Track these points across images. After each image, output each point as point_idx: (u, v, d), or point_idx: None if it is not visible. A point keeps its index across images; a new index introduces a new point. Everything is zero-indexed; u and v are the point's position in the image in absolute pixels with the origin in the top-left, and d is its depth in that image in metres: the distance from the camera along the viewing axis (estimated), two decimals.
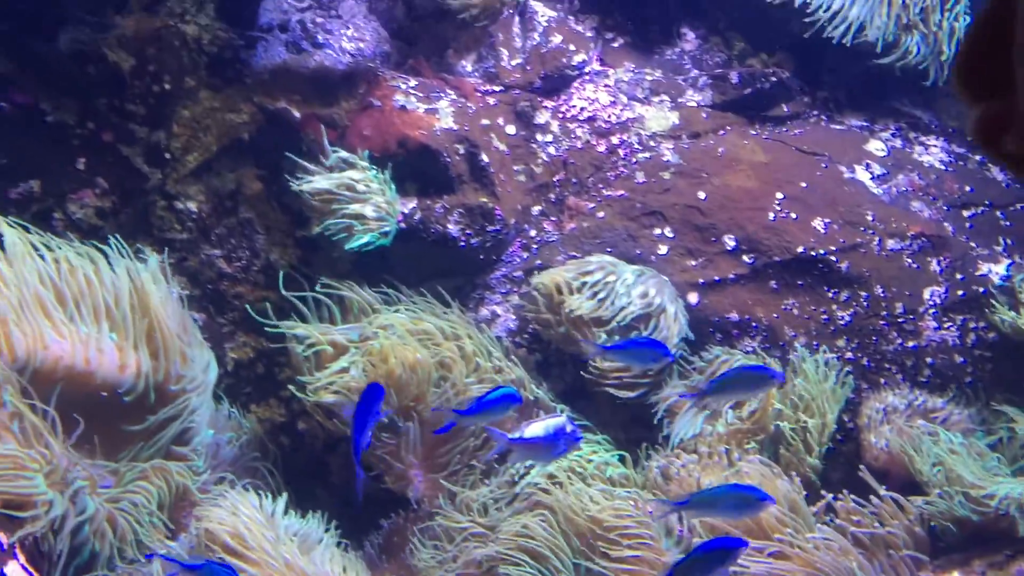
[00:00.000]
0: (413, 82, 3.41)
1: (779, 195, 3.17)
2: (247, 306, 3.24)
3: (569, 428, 2.31)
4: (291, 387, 3.01)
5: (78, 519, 2.30)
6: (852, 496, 2.70)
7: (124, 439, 2.64)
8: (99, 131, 3.23)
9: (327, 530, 2.79)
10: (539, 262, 3.18)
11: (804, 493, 2.74)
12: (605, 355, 2.80)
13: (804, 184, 3.20)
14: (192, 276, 3.32)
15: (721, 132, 3.37)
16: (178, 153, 3.30)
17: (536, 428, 2.30)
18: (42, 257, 2.72)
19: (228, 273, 3.32)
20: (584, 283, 2.92)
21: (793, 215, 3.14)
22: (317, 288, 3.14)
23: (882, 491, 2.69)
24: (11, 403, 2.28)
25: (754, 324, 3.04)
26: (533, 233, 3.29)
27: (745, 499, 2.38)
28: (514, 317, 3.18)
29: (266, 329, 3.11)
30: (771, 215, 3.13)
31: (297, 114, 3.30)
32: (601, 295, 2.90)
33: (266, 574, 2.49)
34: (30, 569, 2.12)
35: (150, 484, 2.54)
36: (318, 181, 3.17)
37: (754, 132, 3.39)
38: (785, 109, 3.48)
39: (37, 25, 3.14)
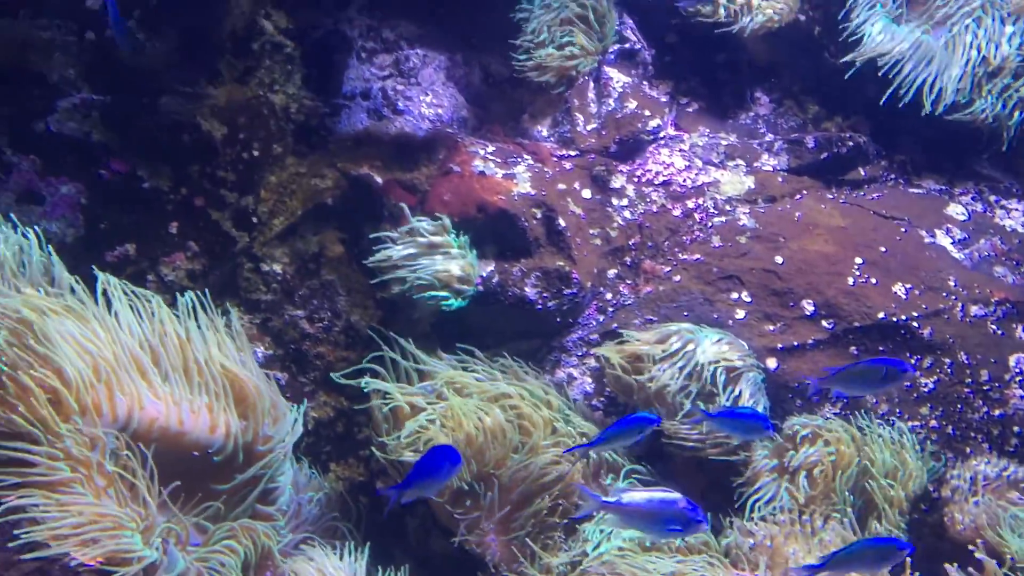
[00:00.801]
0: (491, 147, 3.49)
1: (858, 260, 3.15)
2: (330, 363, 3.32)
3: (682, 504, 2.27)
4: (372, 448, 3.06)
5: (172, 575, 2.37)
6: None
7: (213, 498, 2.71)
8: (191, 196, 3.37)
9: None
10: (615, 325, 3.21)
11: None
12: (708, 423, 2.80)
13: (883, 249, 3.18)
14: (276, 336, 3.41)
15: (798, 196, 3.38)
16: (265, 217, 3.42)
17: (637, 496, 2.28)
18: (139, 317, 2.83)
19: (310, 333, 3.40)
20: (664, 352, 2.93)
21: (873, 280, 3.11)
22: (396, 349, 3.20)
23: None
24: (111, 462, 2.36)
25: (835, 390, 3.00)
26: (609, 296, 3.32)
27: (884, 552, 2.35)
28: (590, 380, 3.20)
29: (347, 383, 3.17)
30: (850, 280, 3.11)
31: (379, 179, 3.40)
32: (680, 363, 2.90)
33: None
34: None
35: (237, 543, 2.60)
36: (400, 247, 3.25)
37: (831, 196, 3.39)
38: (862, 173, 3.48)
39: (137, 96, 3.31)
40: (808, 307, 3.10)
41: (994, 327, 3.05)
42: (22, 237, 2.67)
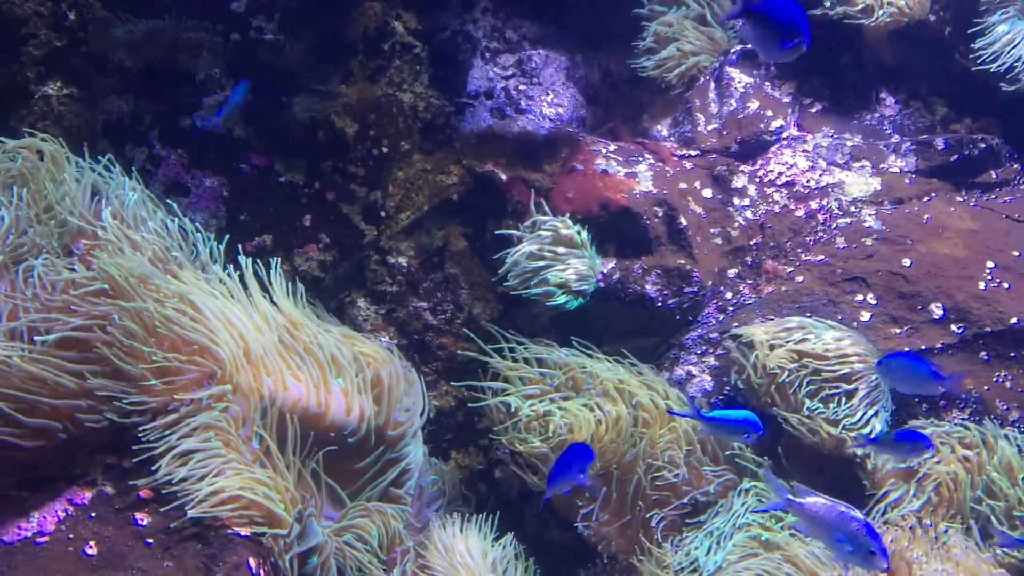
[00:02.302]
0: (613, 146, 3.54)
1: (990, 264, 3.09)
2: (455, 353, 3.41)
3: (859, 526, 2.24)
4: (492, 435, 3.14)
5: (309, 545, 2.49)
6: None
7: (347, 479, 2.83)
8: (324, 190, 3.52)
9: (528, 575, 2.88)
10: (735, 324, 3.22)
11: None
12: (870, 448, 2.78)
13: (1017, 253, 3.10)
14: (400, 327, 3.53)
15: (926, 198, 3.33)
16: (392, 211, 3.55)
17: (820, 502, 2.28)
18: (276, 305, 2.97)
19: (433, 325, 3.51)
20: (783, 342, 2.93)
21: (1005, 284, 3.05)
22: (516, 343, 3.28)
23: None
24: (260, 437, 2.50)
25: (963, 396, 2.95)
26: (729, 295, 3.33)
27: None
28: (709, 378, 3.22)
29: (468, 374, 3.26)
30: (981, 284, 3.05)
31: (503, 176, 3.49)
32: (798, 348, 2.90)
33: None
34: None
35: (371, 521, 2.71)
36: (523, 244, 3.33)
37: (961, 199, 3.32)
38: (994, 176, 3.40)
39: (275, 95, 3.48)
40: (937, 311, 3.05)
41: None
42: (177, 226, 2.84)
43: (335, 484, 2.80)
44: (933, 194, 3.34)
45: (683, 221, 3.34)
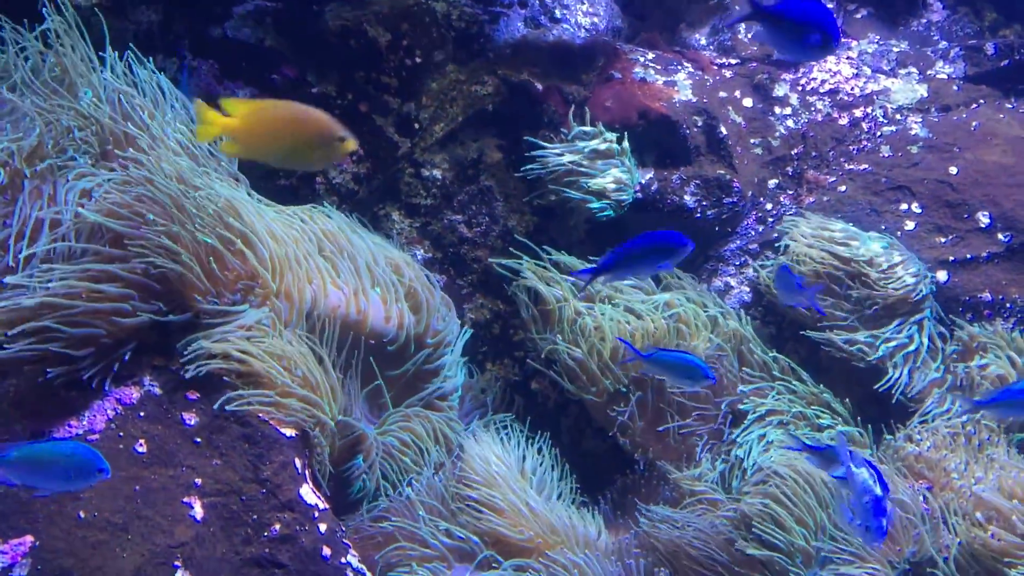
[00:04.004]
0: (651, 55, 3.46)
1: None
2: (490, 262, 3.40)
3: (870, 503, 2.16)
4: (529, 340, 3.14)
5: (355, 447, 2.52)
6: None
7: (388, 386, 2.85)
8: (356, 102, 3.47)
9: (567, 483, 2.91)
10: (775, 235, 3.17)
11: None
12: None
13: None
14: (435, 240, 3.52)
15: (974, 105, 3.24)
16: (426, 123, 3.50)
17: (863, 473, 2.22)
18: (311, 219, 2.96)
19: (468, 238, 3.49)
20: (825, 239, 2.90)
21: None
22: (552, 255, 3.25)
23: None
24: (303, 338, 2.51)
25: (1008, 304, 2.91)
26: (769, 206, 3.28)
27: None
28: (748, 289, 3.19)
29: (503, 287, 3.26)
30: None
31: (539, 86, 3.42)
32: (841, 252, 2.87)
33: (513, 522, 2.63)
34: (318, 493, 2.35)
35: (411, 428, 2.74)
36: (560, 155, 3.28)
37: (1011, 105, 3.23)
38: None
39: (307, 3, 3.41)
40: (983, 219, 2.99)
41: None
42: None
43: (376, 390, 2.82)
44: (981, 101, 3.24)
45: (723, 130, 3.28)
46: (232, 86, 3.45)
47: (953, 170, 3.07)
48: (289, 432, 2.37)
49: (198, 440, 2.27)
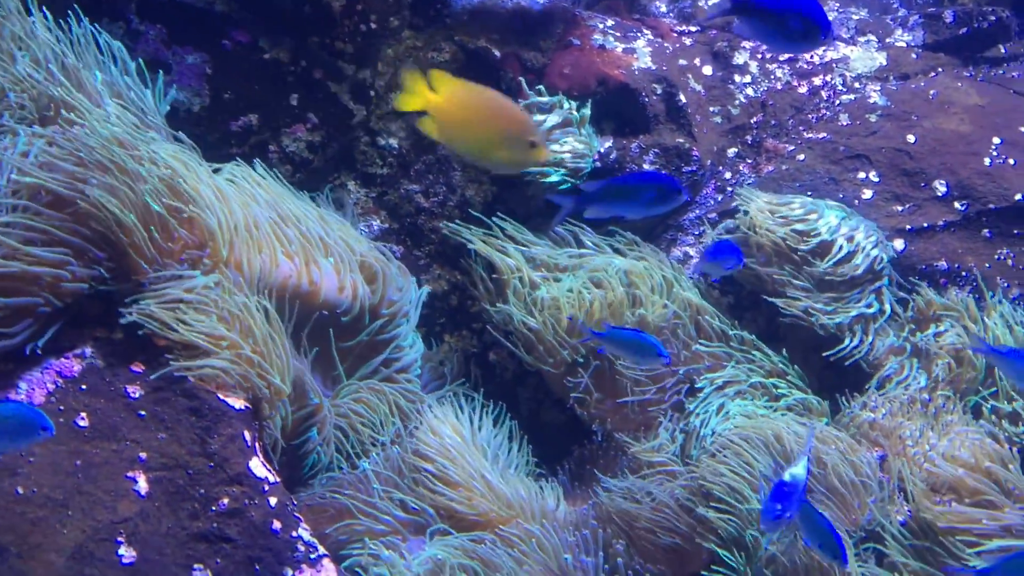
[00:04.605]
0: (610, 22, 3.41)
1: (996, 140, 3.01)
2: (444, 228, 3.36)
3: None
4: (486, 316, 3.10)
5: (309, 420, 2.47)
6: None
7: (342, 358, 2.80)
8: (310, 68, 3.39)
9: (524, 456, 2.88)
10: (734, 204, 3.15)
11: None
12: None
13: (1023, 129, 3.03)
14: (391, 210, 3.46)
15: (932, 74, 3.23)
16: (382, 91, 3.43)
17: (799, 471, 2.19)
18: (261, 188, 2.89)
19: (425, 208, 3.44)
20: (784, 214, 2.88)
21: (1011, 161, 2.98)
22: (510, 226, 3.21)
23: None
24: (254, 309, 2.44)
25: (964, 273, 2.92)
26: (728, 175, 3.26)
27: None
28: None
29: (460, 257, 3.22)
30: (987, 160, 2.99)
31: (497, 53, 3.36)
32: (798, 227, 2.85)
33: (468, 495, 2.60)
34: (269, 466, 2.30)
35: (366, 401, 2.69)
36: None
37: (968, 74, 3.23)
38: (1003, 50, 3.30)
39: None
40: (940, 188, 2.99)
41: None
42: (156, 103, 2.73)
43: (329, 363, 2.77)
44: (940, 69, 3.24)
45: (682, 99, 3.24)
46: (181, 51, 3.35)
47: (911, 139, 3.07)
48: (238, 404, 2.31)
49: (142, 413, 2.21)
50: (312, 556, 2.20)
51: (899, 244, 2.96)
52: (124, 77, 2.72)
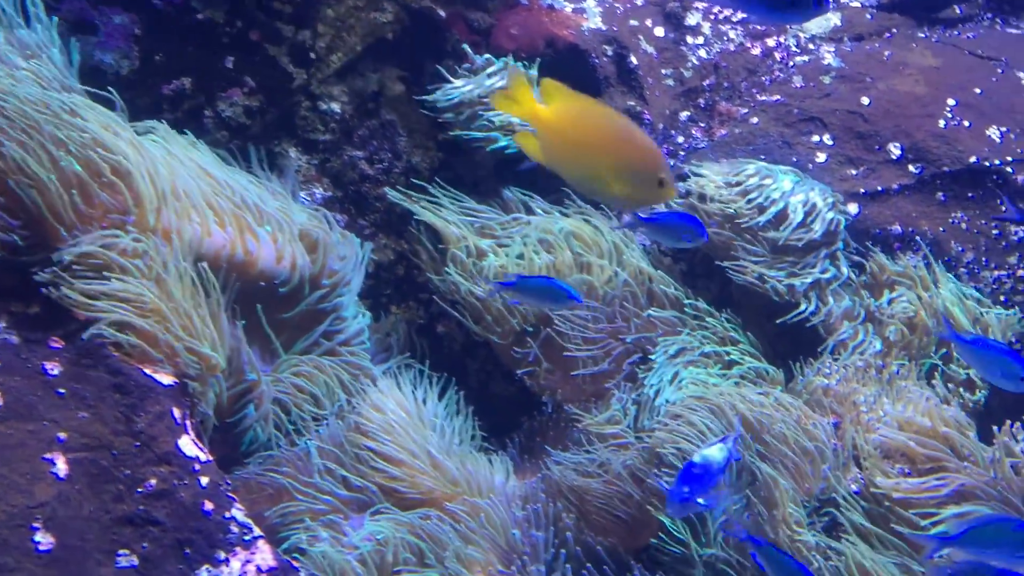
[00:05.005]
0: None
1: (950, 101, 2.96)
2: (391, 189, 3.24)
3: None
4: (432, 276, 3.00)
5: (245, 396, 2.36)
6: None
7: (281, 331, 2.68)
8: (247, 29, 3.23)
9: (471, 429, 2.80)
10: (687, 169, 3.07)
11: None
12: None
13: (978, 90, 2.98)
14: (334, 177, 3.33)
15: (887, 35, 3.17)
16: (322, 53, 3.29)
17: (714, 454, 2.12)
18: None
19: (370, 175, 3.31)
20: (737, 181, 2.81)
21: (966, 123, 2.93)
22: (457, 193, 3.11)
23: None
24: (183, 281, 2.31)
25: (918, 237, 2.88)
26: (681, 140, 3.18)
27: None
28: None
29: (406, 226, 3.11)
30: (941, 122, 2.94)
31: (442, 13, 3.23)
32: (753, 196, 2.78)
33: (412, 471, 2.51)
34: (201, 445, 2.18)
35: (307, 374, 2.58)
36: (463, 88, 3.12)
37: (923, 35, 3.17)
38: (958, 11, 3.24)
39: None
40: (895, 151, 2.94)
41: None
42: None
43: (268, 336, 2.65)
44: (894, 30, 3.18)
45: (634, 61, 3.15)
46: (108, 11, 3.17)
47: (865, 101, 3.00)
48: (166, 380, 2.19)
49: (62, 391, 2.08)
50: (246, 538, 2.10)
51: (853, 208, 2.90)
52: (42, 36, 2.56)
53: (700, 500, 2.00)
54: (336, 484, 2.44)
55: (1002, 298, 2.84)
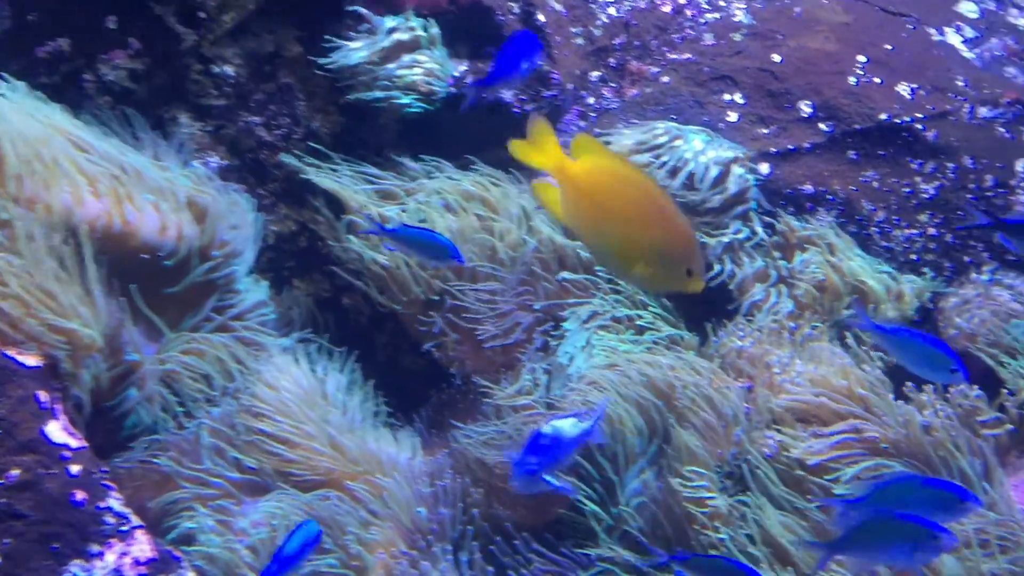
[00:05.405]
0: None
1: (861, 58, 2.91)
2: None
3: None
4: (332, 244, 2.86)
5: (128, 377, 2.20)
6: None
7: (167, 308, 2.52)
8: None
9: (376, 405, 2.68)
10: (597, 130, 2.98)
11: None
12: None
13: (889, 47, 2.94)
14: (231, 145, 3.15)
15: None
16: (213, 12, 3.09)
17: (566, 425, 2.01)
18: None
19: (268, 142, 3.14)
20: (648, 145, 2.72)
21: (876, 80, 2.89)
22: (356, 160, 2.98)
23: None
24: (52, 255, 2.13)
25: (830, 196, 2.82)
26: (591, 100, 3.07)
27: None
28: None
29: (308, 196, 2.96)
30: (852, 80, 2.88)
31: None
32: (665, 158, 2.70)
33: (308, 452, 2.39)
34: (72, 430, 2.02)
35: (196, 352, 2.43)
36: (362, 48, 2.97)
37: None
38: None
39: None
40: (806, 109, 2.88)
41: (1002, 130, 2.85)
42: None
43: (152, 314, 2.49)
44: None
45: (541, 18, 3.03)
46: None
47: (776, 58, 2.94)
48: (31, 361, 2.02)
49: None
50: (123, 528, 1.95)
51: (765, 168, 2.84)
52: None
53: (549, 477, 1.89)
54: (228, 467, 2.30)
55: (913, 257, 2.81)
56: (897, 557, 1.82)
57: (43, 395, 2.01)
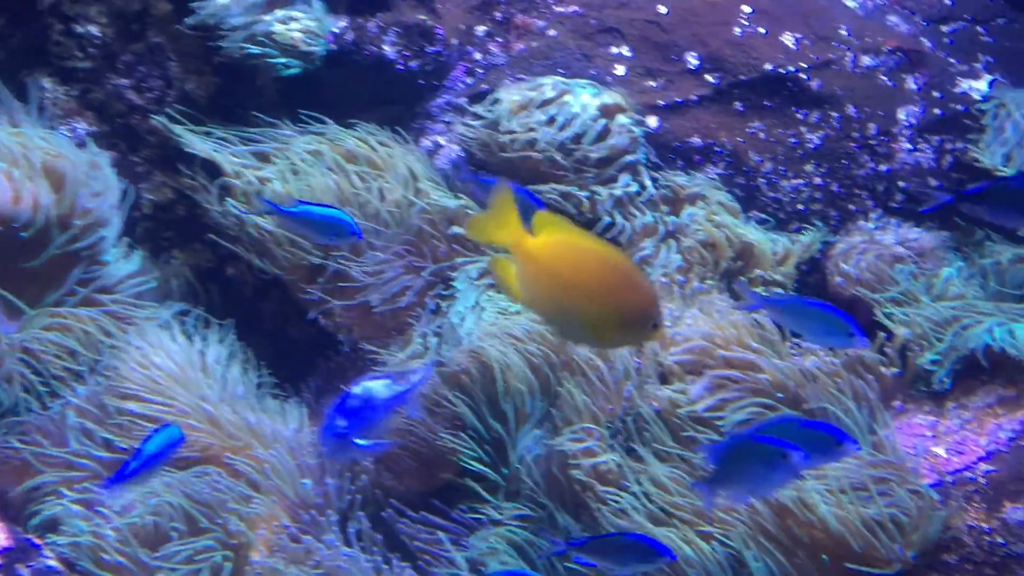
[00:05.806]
0: None
1: (746, 8, 2.89)
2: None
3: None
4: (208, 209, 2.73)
5: None
6: None
7: (25, 283, 2.37)
8: None
9: (260, 377, 2.58)
10: (485, 87, 2.90)
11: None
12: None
13: None
14: (99, 110, 2.98)
15: None
16: None
17: (378, 386, 1.93)
18: None
19: (140, 105, 2.98)
20: (535, 101, 2.65)
21: (761, 30, 2.87)
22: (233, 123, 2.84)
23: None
24: None
25: (718, 149, 2.81)
26: (478, 56, 2.99)
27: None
28: (458, 148, 2.91)
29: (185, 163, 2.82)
30: (738, 30, 2.86)
31: None
32: (553, 112, 2.64)
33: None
34: None
35: (60, 328, 2.29)
36: (228, 4, 2.83)
37: None
38: None
39: None
40: (692, 60, 2.85)
41: (884, 78, 2.87)
42: None
43: (10, 288, 2.34)
44: None
45: None
46: None
47: (663, 9, 2.90)
48: None
49: None
50: None
51: (653, 121, 2.81)
52: None
53: (360, 441, 1.82)
54: (96, 448, 2.18)
55: (800, 207, 2.82)
56: (758, 480, 1.82)
57: None
